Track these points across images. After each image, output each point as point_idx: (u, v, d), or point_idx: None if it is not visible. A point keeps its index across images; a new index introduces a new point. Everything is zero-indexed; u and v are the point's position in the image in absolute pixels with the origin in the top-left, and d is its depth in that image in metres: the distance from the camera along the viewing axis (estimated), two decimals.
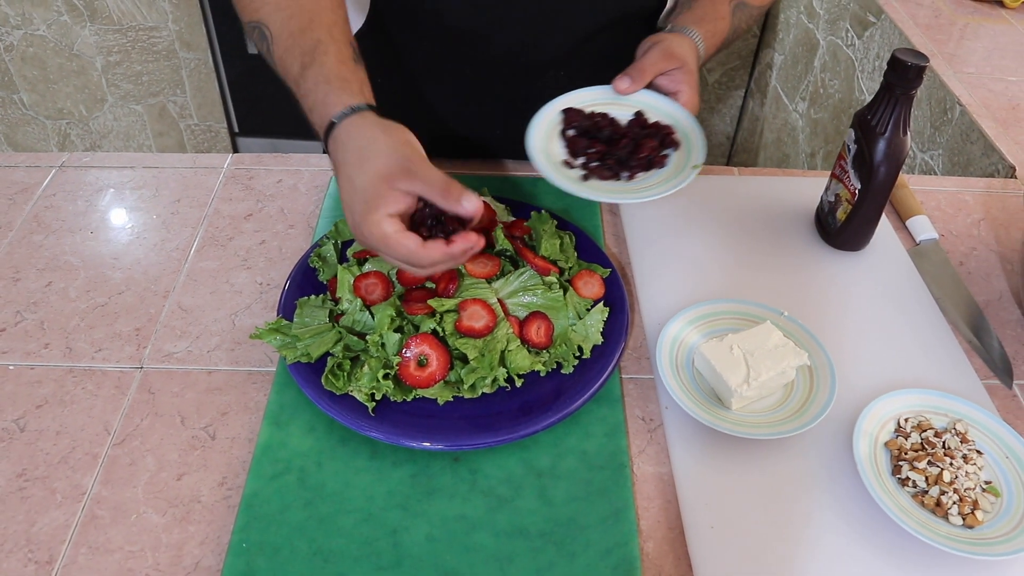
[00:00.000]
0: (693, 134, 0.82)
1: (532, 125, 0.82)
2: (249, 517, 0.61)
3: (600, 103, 0.85)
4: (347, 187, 0.64)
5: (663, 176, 0.79)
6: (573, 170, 0.81)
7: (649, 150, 0.80)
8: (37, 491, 0.64)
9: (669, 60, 0.82)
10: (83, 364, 0.74)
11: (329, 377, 0.66)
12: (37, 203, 0.91)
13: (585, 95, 0.85)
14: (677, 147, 0.82)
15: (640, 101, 0.85)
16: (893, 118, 0.77)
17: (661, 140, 0.81)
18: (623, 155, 0.80)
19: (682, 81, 0.83)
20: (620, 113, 0.85)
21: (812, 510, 0.64)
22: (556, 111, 0.85)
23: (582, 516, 0.63)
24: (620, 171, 0.80)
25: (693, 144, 0.81)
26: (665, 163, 0.81)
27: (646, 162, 0.80)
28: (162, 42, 2.22)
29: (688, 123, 0.83)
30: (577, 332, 0.72)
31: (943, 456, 0.65)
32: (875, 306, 0.82)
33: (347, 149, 0.64)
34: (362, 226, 0.62)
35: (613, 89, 0.84)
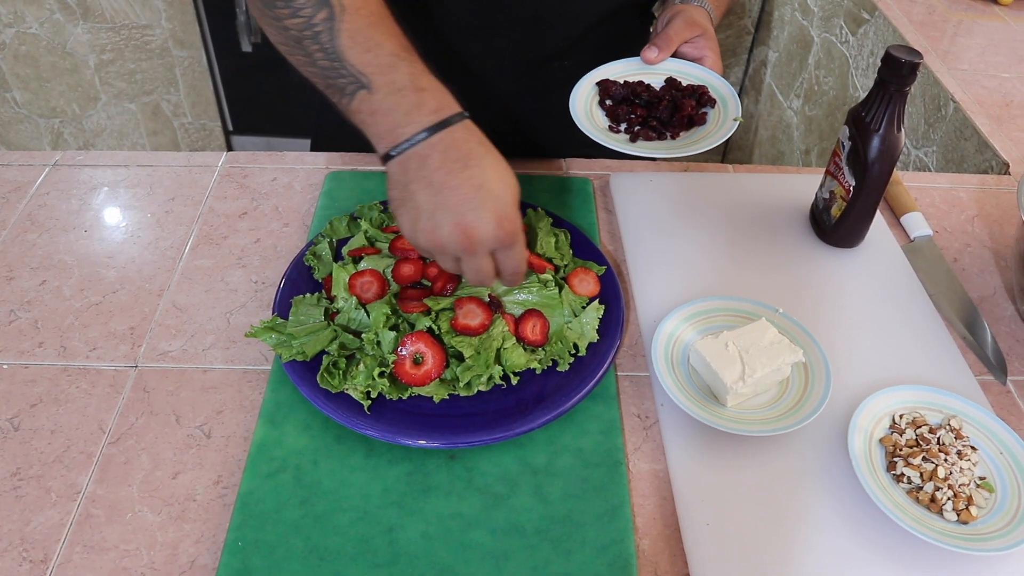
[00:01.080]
0: (726, 91, 0.86)
1: (572, 98, 0.86)
2: (245, 515, 0.61)
3: (632, 74, 0.89)
4: (493, 172, 0.60)
5: (705, 132, 0.83)
6: (619, 134, 0.84)
7: (689, 108, 0.84)
8: (31, 490, 0.64)
9: (692, 28, 0.87)
10: (77, 363, 0.73)
11: (325, 375, 0.66)
12: (30, 202, 0.91)
13: (616, 68, 0.89)
14: (714, 104, 0.86)
15: (669, 68, 0.89)
16: (887, 115, 0.78)
17: (698, 99, 0.85)
18: (664, 116, 0.84)
19: (705, 47, 0.88)
20: (652, 81, 0.88)
21: (807, 506, 0.64)
22: (591, 83, 0.88)
23: (578, 513, 0.63)
24: (664, 131, 0.83)
25: (728, 100, 0.85)
26: (705, 120, 0.85)
27: (687, 120, 0.84)
28: (155, 40, 2.21)
29: (719, 82, 0.87)
30: (573, 330, 0.72)
31: (937, 452, 0.65)
32: (870, 303, 0.82)
33: (486, 143, 0.63)
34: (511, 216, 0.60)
35: (641, 60, 0.88)
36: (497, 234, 0.60)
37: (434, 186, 0.60)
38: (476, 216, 0.59)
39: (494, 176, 0.60)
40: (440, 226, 0.60)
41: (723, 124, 0.83)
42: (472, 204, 0.59)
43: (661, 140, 0.83)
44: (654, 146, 0.82)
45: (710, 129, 0.84)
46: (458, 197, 0.59)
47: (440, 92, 0.63)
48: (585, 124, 0.83)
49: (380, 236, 0.77)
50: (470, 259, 0.61)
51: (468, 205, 0.59)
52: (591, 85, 0.88)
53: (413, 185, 0.61)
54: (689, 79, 0.88)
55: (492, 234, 0.60)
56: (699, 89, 0.86)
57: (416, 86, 0.62)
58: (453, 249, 0.61)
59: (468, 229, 0.59)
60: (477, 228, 0.59)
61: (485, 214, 0.59)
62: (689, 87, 0.87)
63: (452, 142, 0.61)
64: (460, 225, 0.59)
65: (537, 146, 1.00)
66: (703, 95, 0.86)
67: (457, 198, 0.59)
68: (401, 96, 0.61)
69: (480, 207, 0.59)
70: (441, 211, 0.60)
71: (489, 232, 0.60)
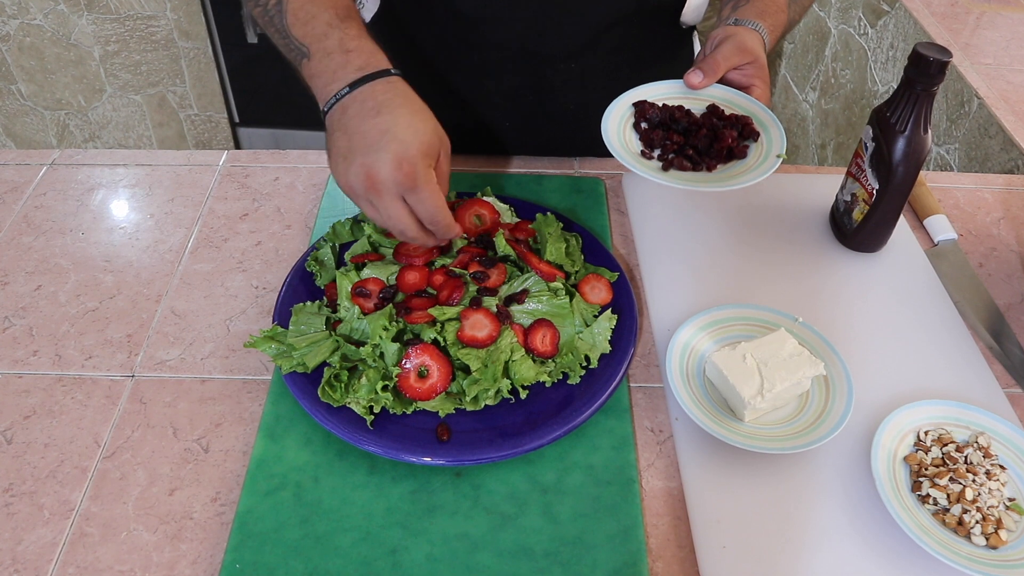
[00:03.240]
0: (772, 125, 0.80)
1: (605, 118, 0.80)
2: (243, 536, 0.59)
3: (672, 97, 0.83)
4: (404, 119, 0.63)
5: (745, 166, 0.77)
6: (652, 161, 0.78)
7: (730, 140, 0.78)
8: (24, 507, 0.62)
9: (742, 54, 0.81)
10: (73, 372, 0.71)
11: (326, 388, 0.64)
12: (27, 203, 0.88)
13: (656, 89, 0.83)
14: (756, 138, 0.80)
15: (713, 95, 0.83)
16: (913, 116, 0.74)
17: (740, 130, 0.79)
18: (702, 145, 0.78)
19: (754, 76, 0.82)
20: (693, 107, 0.83)
21: (828, 528, 0.61)
22: (626, 104, 0.83)
23: (589, 534, 0.60)
24: (700, 161, 0.78)
25: (773, 134, 0.79)
26: (746, 153, 0.79)
27: (727, 152, 0.78)
28: (160, 31, 2.18)
29: (765, 115, 0.81)
30: (584, 340, 0.69)
31: (965, 472, 0.63)
32: (892, 311, 0.79)
33: (409, 96, 0.65)
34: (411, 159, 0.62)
35: (684, 83, 0.82)
36: (396, 176, 0.62)
37: (348, 132, 0.64)
38: (376, 157, 0.62)
39: (403, 123, 0.63)
40: (349, 169, 0.63)
41: (765, 159, 0.77)
42: (375, 147, 0.62)
43: (696, 171, 0.77)
44: (688, 177, 0.76)
45: (750, 164, 0.77)
46: (364, 141, 0.63)
47: (367, 52, 0.67)
48: (616, 146, 0.77)
49: (384, 241, 0.75)
50: (378, 202, 0.63)
51: (372, 148, 0.62)
52: (627, 106, 0.82)
53: (335, 134, 0.65)
54: (733, 108, 0.81)
55: (391, 175, 0.62)
56: (742, 120, 0.79)
57: (344, 48, 0.67)
58: (360, 191, 0.63)
59: (369, 170, 0.62)
60: (377, 169, 0.62)
61: (385, 155, 0.62)
62: (732, 116, 0.80)
63: (371, 94, 0.65)
64: (364, 166, 0.62)
65: (546, 145, 0.97)
66: (746, 126, 0.79)
67: (363, 142, 0.63)
68: (330, 58, 0.67)
69: (381, 149, 0.62)
70: (351, 154, 0.63)
71: (388, 173, 0.62)
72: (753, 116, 0.81)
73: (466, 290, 0.68)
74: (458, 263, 0.71)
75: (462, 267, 0.71)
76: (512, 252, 0.72)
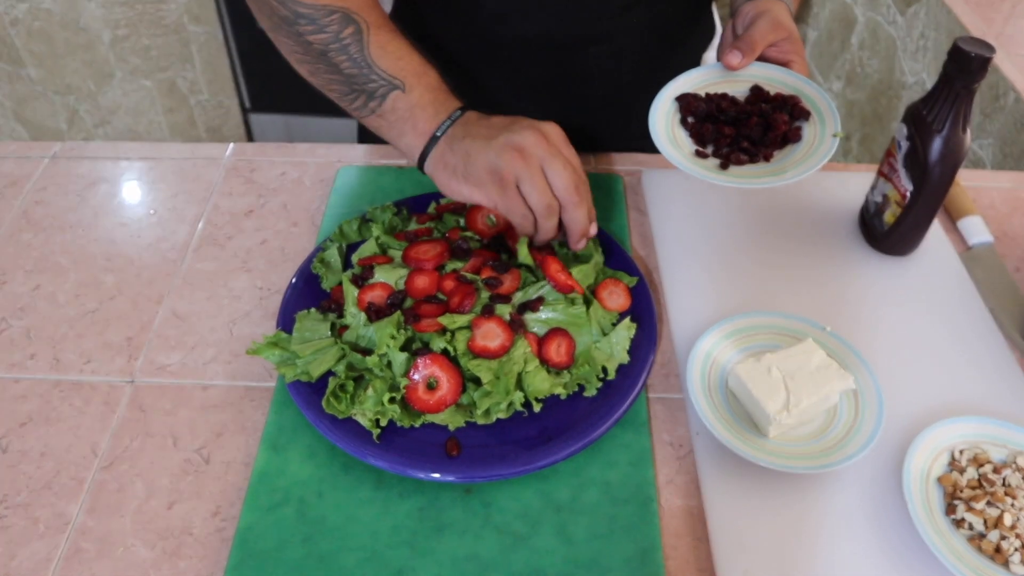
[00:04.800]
0: (820, 101, 0.76)
1: (651, 119, 0.77)
2: (243, 554, 0.57)
3: (712, 82, 0.80)
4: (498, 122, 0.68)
5: (803, 151, 0.74)
6: (709, 159, 0.75)
7: (783, 125, 0.74)
8: (18, 520, 0.60)
9: (777, 30, 0.78)
10: (71, 377, 0.69)
11: (331, 399, 0.61)
12: (27, 198, 0.86)
13: (694, 77, 0.80)
14: (808, 117, 0.76)
15: (754, 75, 0.79)
16: (952, 115, 0.70)
17: (790, 112, 0.76)
18: (756, 135, 0.75)
19: (791, 50, 0.79)
20: (735, 90, 0.79)
21: (857, 553, 0.58)
22: (669, 99, 0.79)
23: (605, 557, 0.57)
24: (756, 152, 0.74)
25: (824, 111, 0.76)
26: (800, 136, 0.75)
27: (782, 138, 0.75)
28: (170, 15, 2.15)
29: (812, 91, 0.77)
30: (601, 350, 0.66)
31: (1003, 496, 0.59)
32: (923, 319, 0.75)
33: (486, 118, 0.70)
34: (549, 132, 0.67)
35: (722, 66, 0.79)
36: (538, 140, 0.66)
37: (478, 136, 0.67)
38: (520, 134, 0.66)
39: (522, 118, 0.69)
40: (494, 155, 0.65)
41: (822, 140, 0.73)
42: (513, 128, 0.67)
43: (754, 163, 0.74)
44: (749, 172, 0.73)
45: (807, 147, 0.74)
46: (499, 129, 0.67)
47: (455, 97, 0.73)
48: (670, 151, 0.74)
49: (393, 243, 0.72)
50: (527, 175, 0.65)
51: (510, 130, 0.66)
52: (669, 100, 0.78)
53: (465, 142, 0.68)
54: (777, 86, 0.78)
55: (534, 141, 0.65)
56: (790, 100, 0.76)
57: (444, 88, 0.72)
58: (510, 167, 0.65)
59: (515, 143, 0.65)
60: (521, 140, 0.65)
61: (526, 130, 0.66)
62: (779, 96, 0.77)
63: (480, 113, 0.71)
64: (508, 143, 0.65)
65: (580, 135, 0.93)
66: (796, 106, 0.76)
67: (498, 130, 0.67)
68: (435, 92, 0.71)
69: (520, 128, 0.66)
70: (490, 145, 0.66)
71: (532, 140, 0.65)
72: (800, 93, 0.78)
73: (478, 296, 0.65)
74: (470, 267, 0.68)
75: (474, 272, 0.68)
76: (532, 262, 0.68)
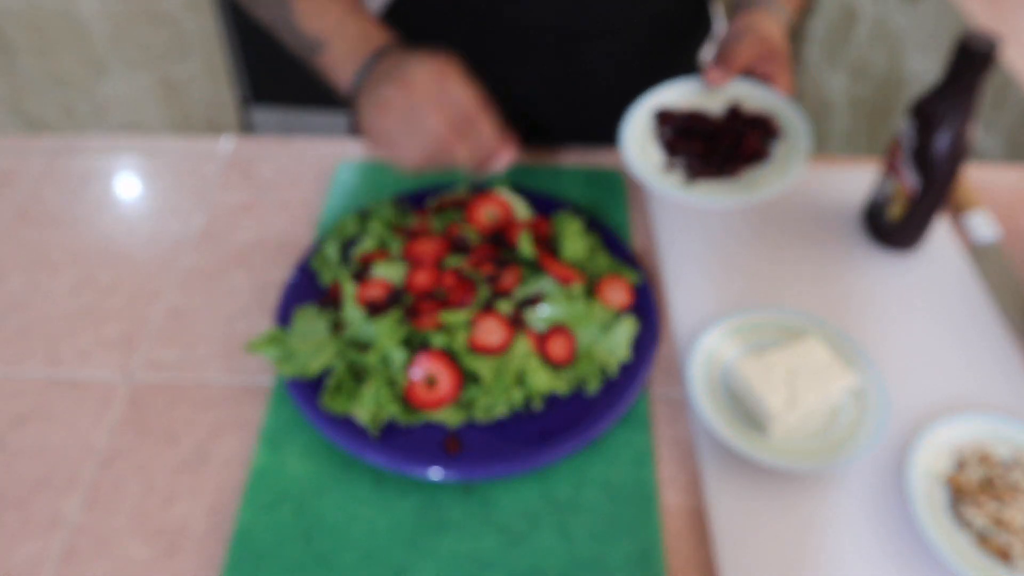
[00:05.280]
0: (795, 121, 0.77)
1: (624, 132, 0.77)
2: (241, 553, 0.56)
3: (691, 97, 0.80)
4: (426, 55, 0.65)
5: (771, 169, 0.74)
6: (673, 174, 0.75)
7: (753, 142, 0.75)
8: (13, 518, 0.59)
9: (761, 46, 0.77)
10: (67, 374, 0.68)
11: (329, 397, 0.60)
12: (22, 193, 0.85)
13: (674, 90, 0.80)
14: (780, 136, 0.76)
15: (734, 91, 0.79)
16: (958, 109, 0.69)
17: (763, 130, 0.76)
18: (726, 150, 0.75)
19: (775, 67, 0.78)
20: (713, 105, 0.79)
21: (860, 552, 0.57)
22: (646, 113, 0.80)
23: (605, 556, 0.57)
24: (724, 167, 0.75)
25: (797, 131, 0.76)
26: (768, 154, 0.76)
27: (751, 155, 0.75)
28: (166, 8, 2.14)
29: (788, 110, 0.77)
30: (602, 348, 0.65)
31: (1009, 495, 0.59)
32: (928, 316, 0.74)
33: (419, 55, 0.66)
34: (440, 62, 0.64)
35: (703, 81, 0.79)
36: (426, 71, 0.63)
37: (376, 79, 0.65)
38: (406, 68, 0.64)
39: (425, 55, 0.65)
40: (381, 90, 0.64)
41: (790, 159, 0.74)
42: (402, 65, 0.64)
43: (720, 178, 0.74)
44: (714, 190, 0.73)
45: (776, 166, 0.74)
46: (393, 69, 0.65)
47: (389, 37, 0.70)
48: (637, 165, 0.74)
49: (392, 239, 0.71)
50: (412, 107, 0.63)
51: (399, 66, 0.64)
52: (646, 113, 0.79)
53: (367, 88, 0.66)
54: (755, 104, 0.79)
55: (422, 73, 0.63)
56: (765, 118, 0.77)
57: (365, 35, 0.69)
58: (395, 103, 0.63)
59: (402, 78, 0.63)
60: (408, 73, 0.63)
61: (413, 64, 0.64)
62: (753, 116, 0.78)
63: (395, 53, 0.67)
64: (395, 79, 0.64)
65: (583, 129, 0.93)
66: (769, 125, 0.77)
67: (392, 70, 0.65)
68: (350, 43, 0.69)
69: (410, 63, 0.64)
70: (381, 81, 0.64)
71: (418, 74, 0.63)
72: (777, 112, 0.78)
73: (478, 293, 0.65)
74: (470, 263, 0.67)
75: (474, 268, 0.67)
76: (533, 254, 0.68)
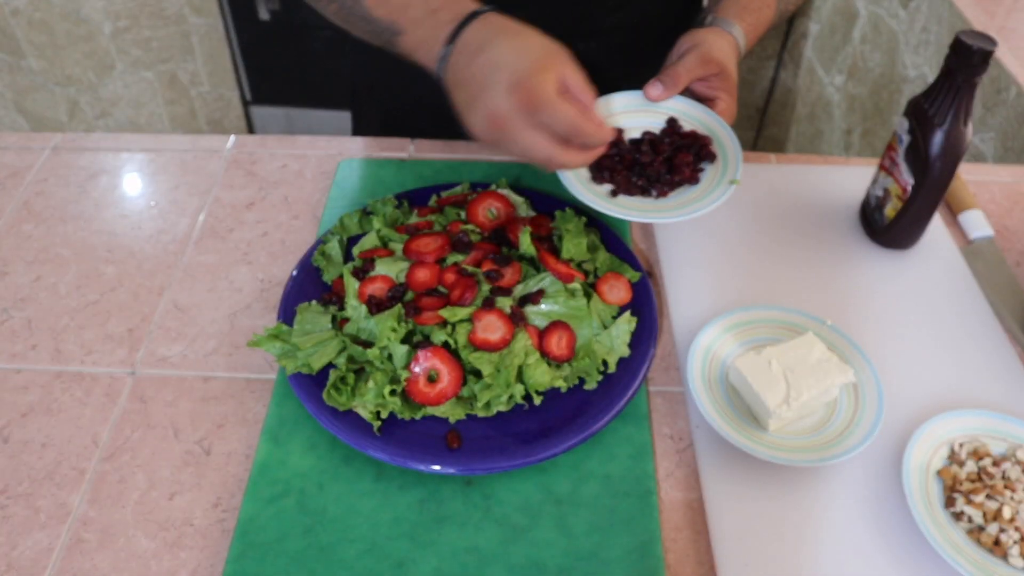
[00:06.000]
0: (729, 146, 0.75)
1: None
2: (244, 545, 0.57)
3: (631, 110, 0.78)
4: (506, 47, 0.60)
5: (697, 192, 0.73)
6: (602, 185, 0.74)
7: (686, 168, 0.74)
8: (20, 510, 0.60)
9: (706, 65, 0.76)
10: (72, 368, 0.69)
11: (331, 392, 0.61)
12: (28, 189, 0.86)
13: (615, 101, 0.79)
14: (713, 159, 0.75)
15: (673, 108, 0.78)
16: (953, 108, 0.70)
17: (697, 152, 0.75)
18: (655, 174, 0.74)
19: (720, 88, 0.77)
20: (652, 121, 0.78)
21: (856, 546, 0.58)
22: None
23: (604, 549, 0.57)
24: (651, 187, 0.74)
25: (730, 157, 0.74)
26: (699, 180, 0.74)
27: (680, 182, 0.74)
28: (171, 7, 2.14)
29: (724, 134, 0.76)
30: (602, 343, 0.66)
31: (1002, 489, 0.59)
32: (924, 313, 0.75)
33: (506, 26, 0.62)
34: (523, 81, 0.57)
35: (644, 95, 0.77)
36: (513, 103, 0.58)
37: (463, 84, 0.61)
38: (491, 95, 0.58)
39: (508, 50, 0.60)
40: (475, 118, 0.60)
41: (718, 184, 0.72)
42: (487, 85, 0.59)
43: (645, 196, 0.74)
44: (636, 206, 0.72)
45: (703, 189, 0.73)
46: (477, 84, 0.60)
47: (451, 3, 0.65)
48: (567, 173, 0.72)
49: (394, 236, 0.72)
50: (514, 137, 0.59)
51: (484, 87, 0.59)
52: None
53: (456, 93, 0.62)
54: (693, 123, 0.77)
55: (509, 106, 0.58)
56: (701, 140, 0.76)
57: (430, 10, 0.65)
58: (495, 135, 0.60)
59: (489, 110, 0.59)
60: (495, 106, 0.58)
61: (498, 90, 0.58)
62: (691, 134, 0.76)
63: (469, 39, 0.62)
64: (484, 108, 0.59)
65: None
66: (704, 147, 0.75)
67: (477, 85, 0.60)
68: (422, 26, 0.65)
69: (494, 85, 0.58)
70: (473, 103, 0.60)
71: (506, 106, 0.58)
72: (712, 134, 0.76)
73: (479, 289, 0.65)
74: (471, 260, 0.68)
75: (475, 265, 0.68)
76: (534, 251, 0.68)
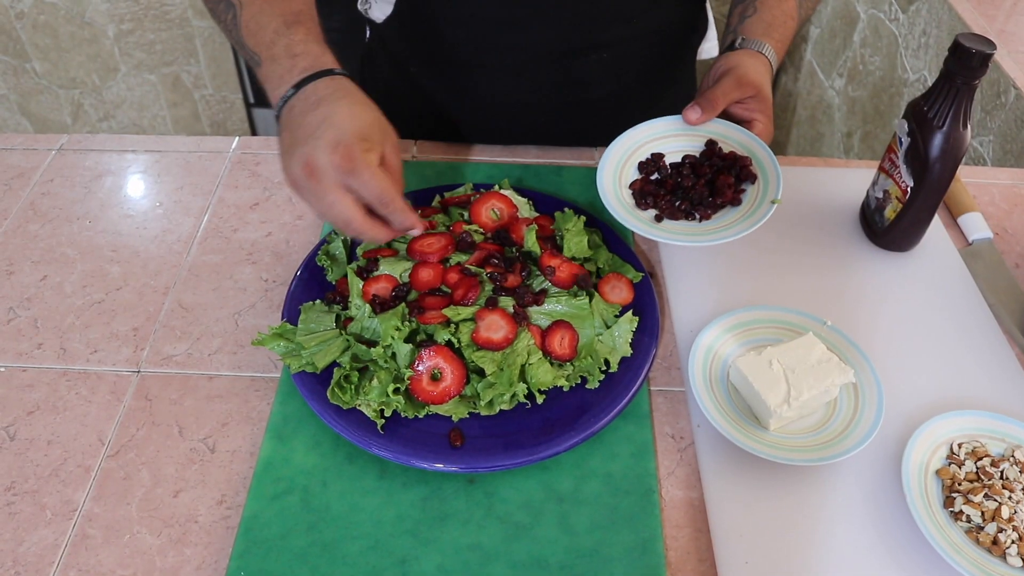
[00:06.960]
0: (769, 166, 0.76)
1: (601, 168, 0.77)
2: (248, 542, 0.57)
3: (670, 134, 0.80)
4: (343, 108, 0.62)
5: (739, 213, 0.74)
6: (647, 211, 0.76)
7: (728, 190, 0.75)
8: (26, 507, 0.60)
9: (742, 88, 0.77)
10: (78, 366, 0.70)
11: (335, 390, 0.62)
12: (34, 189, 0.86)
13: (654, 127, 0.80)
14: (754, 180, 0.76)
15: (712, 131, 0.79)
16: (952, 110, 0.71)
17: (737, 173, 0.76)
18: (698, 198, 0.76)
19: (756, 110, 0.78)
20: (691, 144, 0.79)
21: (855, 545, 0.59)
22: (623, 150, 0.79)
23: (606, 547, 0.58)
24: (694, 210, 0.75)
25: (770, 176, 0.75)
26: (741, 201, 0.76)
27: (722, 205, 0.76)
28: (175, 10, 2.15)
29: (763, 154, 0.77)
30: (604, 343, 0.66)
31: (1001, 489, 0.60)
32: (924, 314, 0.76)
33: (351, 90, 0.64)
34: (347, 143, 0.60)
35: (683, 119, 0.78)
36: (332, 159, 0.59)
37: (291, 128, 0.63)
38: (314, 145, 0.60)
39: (342, 111, 0.62)
40: (291, 161, 0.62)
41: (760, 204, 0.74)
42: (313, 135, 0.61)
43: (690, 220, 0.75)
44: (680, 230, 0.74)
45: (745, 210, 0.74)
46: (304, 132, 0.62)
47: (313, 55, 0.66)
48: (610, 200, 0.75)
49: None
50: (319, 190, 0.61)
51: (310, 136, 0.61)
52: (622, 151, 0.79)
53: (283, 133, 0.64)
54: (731, 145, 0.78)
55: (328, 160, 0.60)
56: (741, 161, 0.76)
57: (291, 53, 0.66)
58: (302, 181, 0.61)
59: (307, 158, 0.60)
60: (314, 155, 0.60)
61: (321, 141, 0.60)
62: (731, 155, 0.77)
63: (314, 90, 0.64)
64: (302, 155, 0.61)
65: (574, 136, 0.94)
66: (744, 168, 0.76)
67: (304, 133, 0.62)
68: (278, 64, 0.66)
69: (319, 137, 0.60)
70: (293, 146, 0.62)
71: (325, 158, 0.60)
72: (751, 155, 0.77)
73: (482, 289, 0.66)
74: (474, 260, 0.69)
75: (478, 264, 0.68)
76: (538, 250, 0.69)
